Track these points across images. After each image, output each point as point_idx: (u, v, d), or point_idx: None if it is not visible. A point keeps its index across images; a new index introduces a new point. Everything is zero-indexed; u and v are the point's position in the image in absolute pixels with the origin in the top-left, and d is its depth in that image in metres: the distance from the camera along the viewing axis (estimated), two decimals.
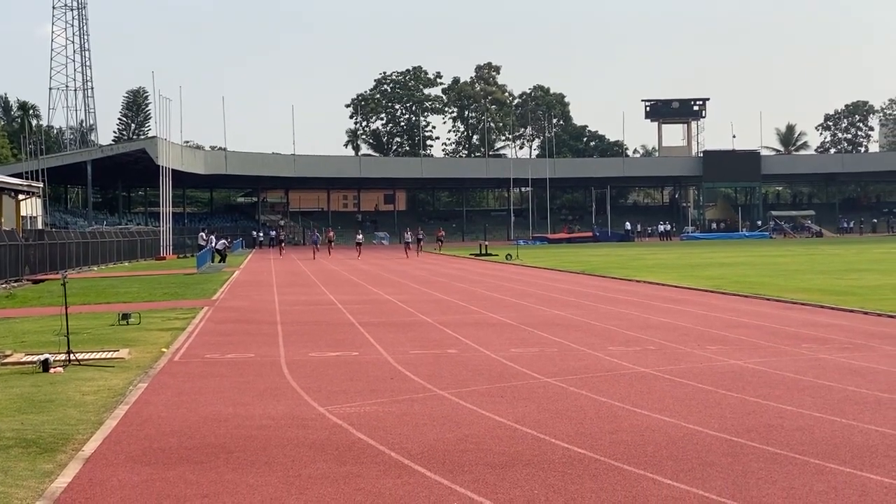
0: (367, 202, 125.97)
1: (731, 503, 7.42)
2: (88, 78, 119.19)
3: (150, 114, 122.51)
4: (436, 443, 9.59)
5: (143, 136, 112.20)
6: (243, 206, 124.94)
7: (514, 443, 9.58)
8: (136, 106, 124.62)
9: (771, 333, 18.41)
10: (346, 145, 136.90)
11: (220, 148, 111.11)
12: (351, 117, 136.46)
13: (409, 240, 67.92)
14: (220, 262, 55.38)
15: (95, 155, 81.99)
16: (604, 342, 17.55)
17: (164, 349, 17.32)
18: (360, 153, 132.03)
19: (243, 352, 16.96)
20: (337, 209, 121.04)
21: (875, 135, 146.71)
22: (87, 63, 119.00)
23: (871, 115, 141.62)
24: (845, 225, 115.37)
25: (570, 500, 7.55)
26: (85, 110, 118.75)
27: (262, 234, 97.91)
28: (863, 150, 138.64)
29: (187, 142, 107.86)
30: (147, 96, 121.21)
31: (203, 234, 64.67)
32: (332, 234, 76.38)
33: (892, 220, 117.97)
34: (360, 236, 71.86)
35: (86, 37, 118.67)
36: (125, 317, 21.90)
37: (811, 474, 8.22)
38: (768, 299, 25.88)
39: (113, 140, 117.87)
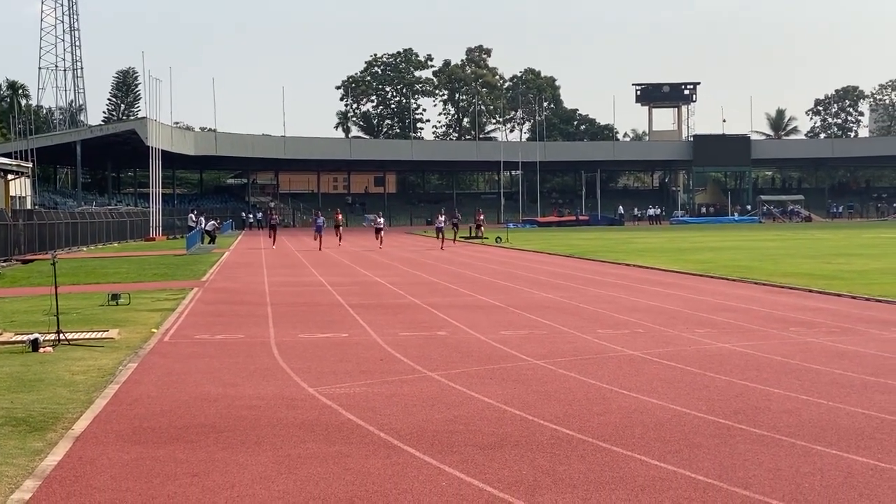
0: (356, 184, 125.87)
1: (719, 484, 7.47)
2: (78, 58, 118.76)
3: (139, 94, 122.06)
4: (425, 423, 9.64)
5: (132, 117, 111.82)
6: (233, 187, 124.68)
7: (503, 424, 9.63)
8: (125, 86, 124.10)
9: (759, 317, 18.49)
10: (336, 127, 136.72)
11: (210, 129, 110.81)
12: (341, 99, 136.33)
13: (442, 225, 54.27)
14: (209, 243, 55.37)
15: (85, 135, 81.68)
16: (593, 325, 17.61)
17: (153, 329, 17.34)
18: (350, 135, 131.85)
19: (233, 333, 16.97)
20: (327, 191, 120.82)
21: (865, 120, 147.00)
22: (77, 43, 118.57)
23: (862, 101, 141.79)
24: (835, 210, 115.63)
25: (558, 481, 7.60)
26: (74, 90, 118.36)
27: (251, 216, 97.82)
28: (853, 135, 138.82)
29: (177, 123, 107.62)
30: (137, 77, 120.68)
31: (192, 216, 64.58)
32: (340, 216, 60.15)
33: (881, 205, 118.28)
34: (381, 220, 54.39)
35: (75, 16, 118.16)
36: (115, 297, 21.90)
37: (798, 456, 8.28)
38: (757, 283, 25.97)
39: (102, 120, 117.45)
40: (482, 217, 64.18)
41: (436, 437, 9.08)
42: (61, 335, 15.52)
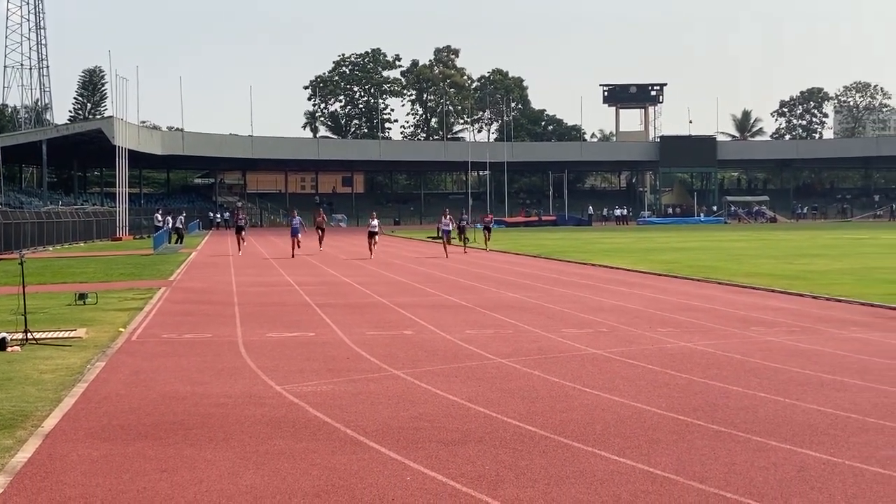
0: (324, 184, 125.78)
1: (675, 478, 7.68)
2: (44, 56, 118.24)
3: (106, 93, 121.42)
4: (390, 421, 9.81)
5: (99, 116, 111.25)
6: (200, 187, 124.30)
7: (467, 421, 9.81)
8: (92, 85, 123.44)
9: (721, 316, 18.77)
10: (304, 127, 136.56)
11: (177, 128, 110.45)
12: (309, 99, 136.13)
13: (448, 227, 44.68)
14: (177, 242, 55.28)
15: (51, 134, 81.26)
16: (558, 324, 17.82)
17: (121, 329, 17.41)
18: (318, 135, 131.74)
19: (201, 332, 17.08)
20: (294, 191, 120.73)
21: (829, 122, 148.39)
22: (43, 41, 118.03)
23: (826, 102, 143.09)
24: (799, 210, 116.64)
25: (519, 476, 7.79)
26: (40, 89, 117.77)
27: (219, 216, 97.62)
28: (817, 136, 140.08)
29: (144, 122, 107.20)
30: (103, 76, 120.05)
31: (158, 216, 64.43)
32: (322, 217, 49.25)
33: (845, 206, 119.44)
34: (376, 221, 44.02)
35: (41, 15, 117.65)
36: (82, 297, 21.94)
37: (752, 451, 8.51)
38: (720, 283, 26.29)
39: (69, 120, 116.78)
40: (491, 218, 54.61)
41: (401, 433, 9.25)
42: (29, 334, 15.58)
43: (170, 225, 58.32)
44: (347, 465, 8.11)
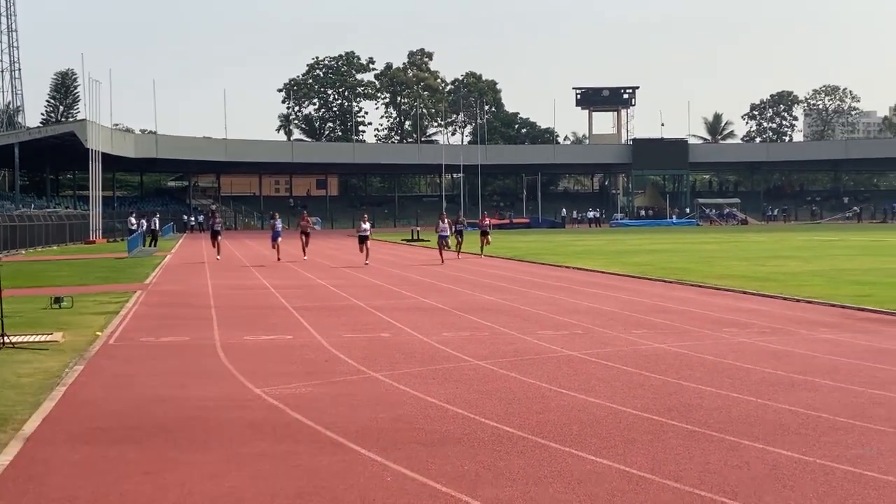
0: (299, 187, 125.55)
1: (651, 477, 7.84)
2: (16, 59, 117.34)
3: (79, 96, 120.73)
4: (370, 422, 9.93)
5: (71, 119, 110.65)
6: (174, 190, 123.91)
7: (446, 422, 9.94)
8: (64, 88, 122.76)
9: (694, 318, 18.97)
10: (278, 130, 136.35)
11: (151, 131, 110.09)
12: (283, 102, 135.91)
13: (446, 232, 41.28)
14: (151, 245, 55.14)
15: (23, 137, 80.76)
16: (533, 326, 17.98)
17: (98, 332, 17.43)
18: (292, 138, 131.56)
19: (178, 335, 17.13)
20: (269, 194, 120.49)
21: (799, 124, 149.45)
22: (15, 44, 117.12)
23: (796, 105, 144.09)
24: (770, 213, 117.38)
25: (498, 476, 7.93)
26: (12, 92, 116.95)
27: (193, 219, 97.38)
28: (787, 139, 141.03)
29: (117, 125, 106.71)
30: (76, 78, 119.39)
31: (132, 219, 64.24)
32: (307, 221, 45.29)
33: (814, 209, 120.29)
34: (367, 225, 39.96)
35: (13, 17, 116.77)
36: (58, 300, 21.91)
37: (726, 450, 8.68)
38: (692, 285, 26.52)
39: (41, 122, 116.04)
40: (488, 221, 48.79)
41: (381, 434, 9.37)
42: (5, 338, 15.59)
43: (144, 228, 58.12)
44: (329, 467, 8.23)
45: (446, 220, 42.48)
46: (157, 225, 59.34)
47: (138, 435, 9.49)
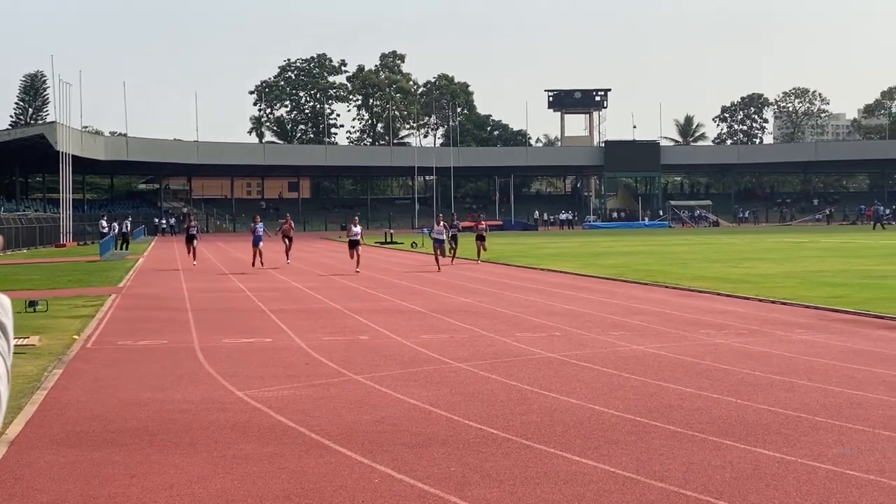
0: (270, 190, 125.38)
1: (636, 477, 7.91)
2: None
3: (48, 98, 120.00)
4: (354, 424, 9.96)
5: (41, 122, 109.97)
6: (145, 192, 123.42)
7: (430, 424, 9.98)
8: (33, 90, 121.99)
9: (670, 320, 19.09)
10: (249, 132, 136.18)
11: (121, 134, 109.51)
12: (255, 104, 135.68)
13: (441, 236, 38.14)
14: (122, 248, 54.93)
15: None
16: (511, 328, 18.04)
17: (75, 336, 17.37)
18: (263, 140, 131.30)
19: (156, 338, 17.10)
20: (241, 196, 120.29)
21: (769, 127, 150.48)
22: None
23: (766, 108, 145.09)
24: (741, 215, 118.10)
25: (485, 477, 7.98)
26: None
27: (164, 222, 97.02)
28: (758, 141, 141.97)
29: (86, 127, 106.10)
30: (45, 80, 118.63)
31: (103, 222, 63.97)
32: (289, 224, 42.11)
33: (785, 211, 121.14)
34: (358, 228, 36.21)
35: None
36: (32, 304, 21.79)
37: (709, 450, 8.77)
38: (668, 287, 26.67)
39: (10, 125, 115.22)
40: (483, 225, 44.58)
41: (366, 437, 9.40)
42: None
43: (115, 231, 57.87)
44: (315, 469, 8.26)
45: (443, 223, 38.81)
46: (129, 228, 59.10)
47: (122, 438, 9.48)
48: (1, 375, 1.81)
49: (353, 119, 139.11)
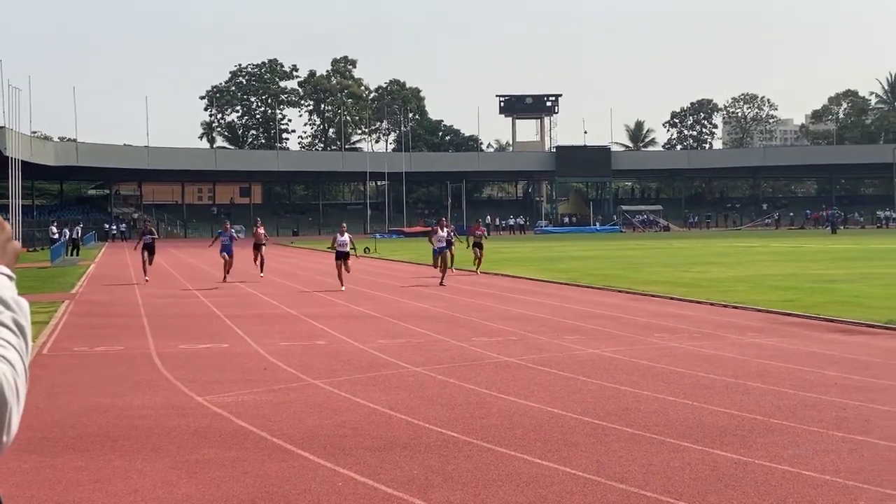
0: (222, 195, 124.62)
1: (596, 479, 8.03)
2: None
3: None
4: (315, 429, 10.00)
5: None
6: (95, 198, 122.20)
7: (391, 428, 10.05)
8: None
9: (625, 324, 19.28)
10: (200, 137, 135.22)
11: (71, 139, 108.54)
12: (206, 109, 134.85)
13: (443, 244, 33.12)
14: (73, 254, 54.44)
15: None
16: (468, 333, 18.14)
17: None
18: (215, 146, 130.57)
19: (112, 344, 17.03)
20: (192, 202, 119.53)
21: (719, 132, 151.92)
22: None
23: (715, 113, 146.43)
24: (692, 219, 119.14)
25: (448, 479, 8.06)
26: None
27: (115, 228, 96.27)
28: (707, 146, 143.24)
29: (35, 132, 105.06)
30: None
31: (53, 227, 63.38)
32: (261, 229, 36.58)
33: (734, 215, 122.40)
34: (346, 237, 30.31)
35: None
36: None
37: (667, 452, 8.91)
38: (621, 291, 26.90)
39: None
40: (482, 231, 40.56)
41: (327, 441, 9.45)
42: None
43: (66, 237, 57.36)
44: (279, 473, 8.30)
45: (446, 228, 34.31)
46: (80, 234, 58.60)
47: (83, 444, 9.46)
48: (20, 373, 1.89)
49: (305, 124, 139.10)
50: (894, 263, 36.71)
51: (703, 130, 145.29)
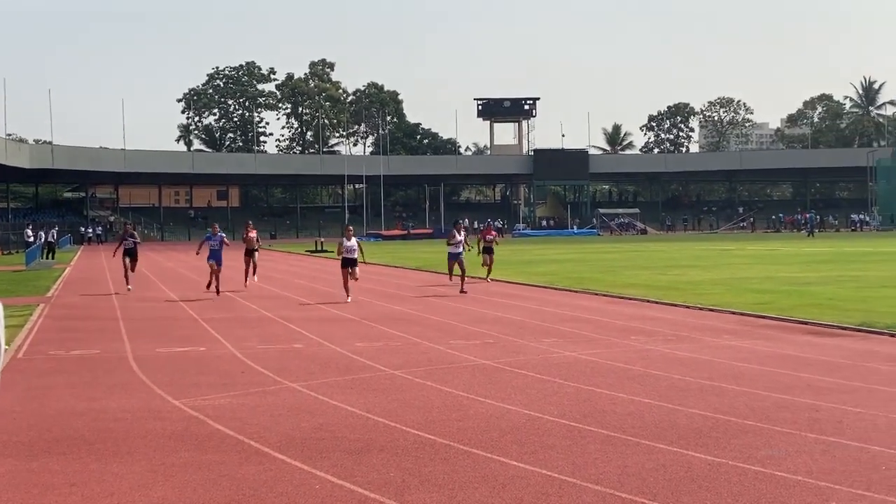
0: (199, 198, 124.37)
1: (572, 480, 8.07)
2: None
3: None
4: (292, 432, 10.01)
5: None
6: (71, 201, 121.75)
7: (367, 430, 10.07)
8: None
9: (601, 327, 19.35)
10: (178, 140, 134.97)
11: (47, 141, 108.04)
12: (183, 112, 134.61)
13: (459, 249, 30.52)
14: (48, 257, 54.19)
15: None
16: (444, 336, 18.17)
17: (5, 346, 17.14)
18: (192, 149, 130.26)
19: (88, 348, 16.97)
20: (169, 205, 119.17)
21: (695, 135, 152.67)
22: None
23: (692, 117, 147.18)
24: (669, 222, 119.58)
25: (424, 481, 8.09)
26: None
27: (90, 231, 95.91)
28: (684, 150, 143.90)
29: (10, 135, 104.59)
30: None
31: (29, 230, 63.07)
32: (253, 232, 33.37)
33: (711, 218, 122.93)
34: (354, 242, 26.95)
35: None
36: None
37: (643, 454, 8.96)
38: (598, 294, 26.99)
39: None
40: (494, 234, 37.47)
41: (304, 444, 9.47)
42: None
43: (42, 240, 57.11)
44: (256, 476, 8.31)
45: (462, 232, 31.56)
46: (55, 237, 58.35)
47: (59, 447, 9.44)
48: None
49: (283, 127, 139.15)
50: (868, 266, 36.97)
51: (680, 134, 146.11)
